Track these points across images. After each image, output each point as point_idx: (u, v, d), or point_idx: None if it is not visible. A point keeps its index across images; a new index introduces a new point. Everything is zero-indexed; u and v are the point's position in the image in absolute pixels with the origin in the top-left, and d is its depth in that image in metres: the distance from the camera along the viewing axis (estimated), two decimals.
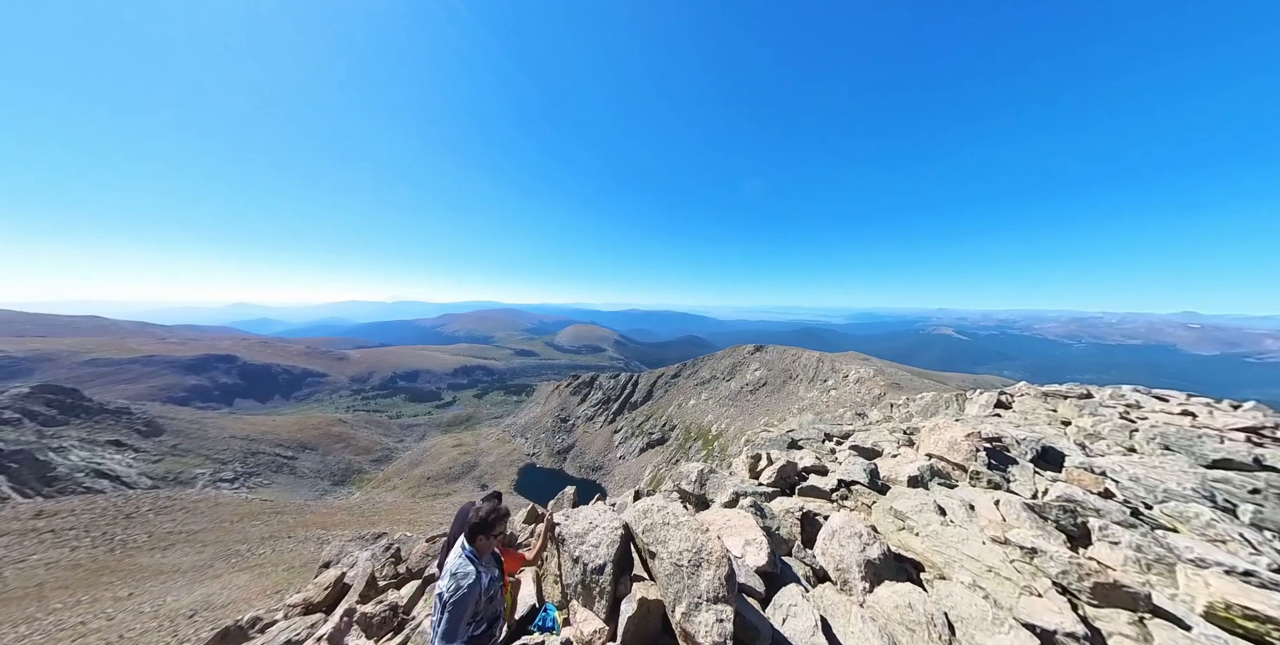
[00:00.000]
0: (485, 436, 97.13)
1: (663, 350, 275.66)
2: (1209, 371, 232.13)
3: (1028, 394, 13.00)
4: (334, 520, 28.36)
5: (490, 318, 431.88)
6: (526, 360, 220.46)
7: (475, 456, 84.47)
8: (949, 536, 3.72)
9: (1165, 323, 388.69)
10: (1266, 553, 3.45)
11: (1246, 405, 11.16)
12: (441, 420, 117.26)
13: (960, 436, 5.81)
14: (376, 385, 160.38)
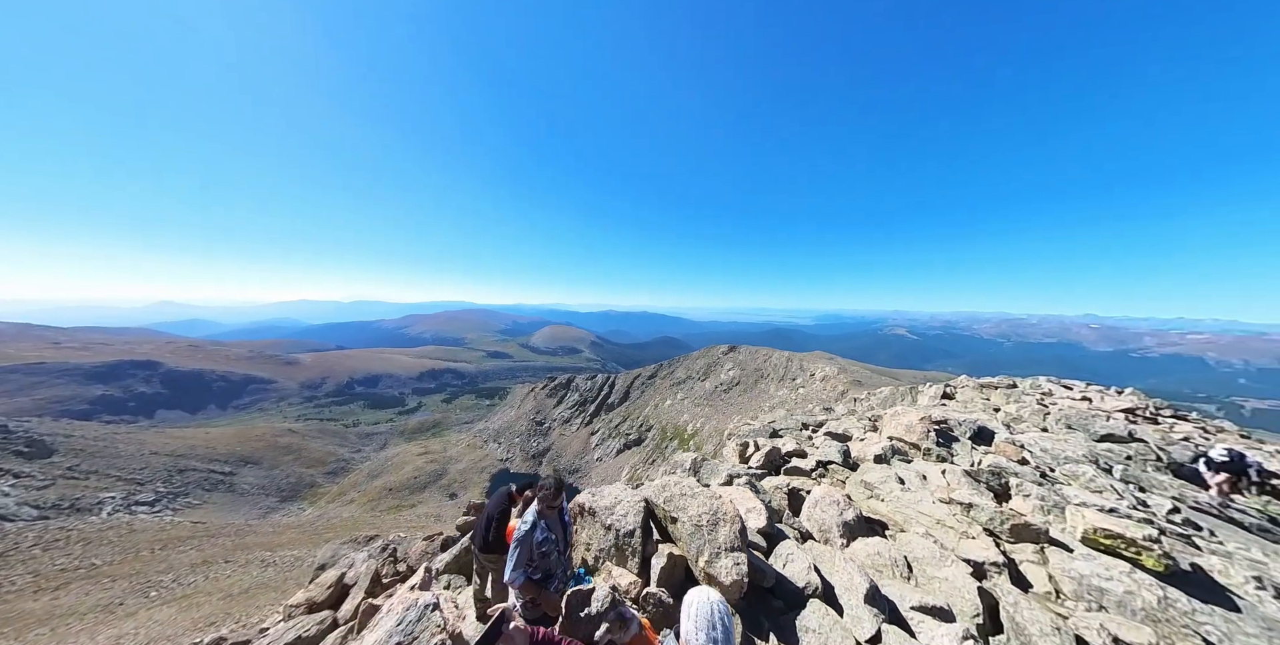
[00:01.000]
0: (455, 443, 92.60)
1: (639, 351, 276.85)
2: (1105, 365, 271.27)
3: (967, 386, 14.95)
4: (281, 540, 25.87)
5: (460, 319, 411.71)
6: (500, 363, 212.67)
7: (443, 464, 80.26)
8: (907, 500, 4.51)
9: (1073, 323, 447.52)
10: (1126, 497, 4.55)
11: (1127, 392, 13.72)
12: (405, 427, 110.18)
13: (915, 421, 6.81)
14: (331, 391, 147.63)
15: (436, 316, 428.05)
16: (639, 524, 3.12)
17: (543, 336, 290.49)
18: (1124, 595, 2.84)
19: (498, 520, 3.49)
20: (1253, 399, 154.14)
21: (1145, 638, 2.49)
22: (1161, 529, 3.73)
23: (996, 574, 3.26)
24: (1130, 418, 10.65)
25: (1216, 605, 2.77)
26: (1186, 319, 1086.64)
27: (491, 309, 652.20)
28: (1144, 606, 2.75)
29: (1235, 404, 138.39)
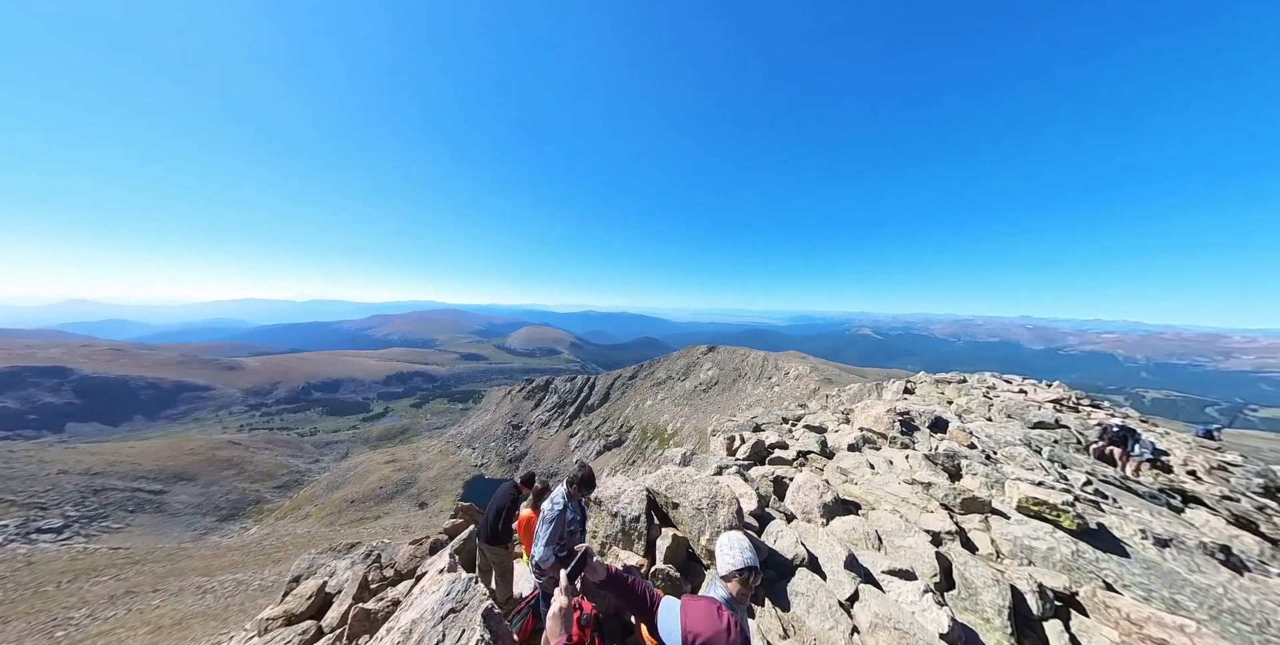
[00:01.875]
0: (425, 449, 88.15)
1: (619, 352, 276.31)
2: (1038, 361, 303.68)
3: (925, 381, 16.34)
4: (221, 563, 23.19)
5: (431, 319, 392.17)
6: (474, 365, 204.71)
7: (412, 472, 76.03)
8: (877, 482, 5.05)
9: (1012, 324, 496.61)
10: (1052, 473, 5.36)
11: (1055, 385, 15.61)
12: (370, 434, 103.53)
13: (882, 413, 7.53)
14: (283, 398, 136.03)
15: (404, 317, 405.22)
16: (643, 510, 3.36)
17: (520, 338, 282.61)
18: (1047, 551, 3.43)
19: (506, 510, 3.60)
20: (1151, 390, 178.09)
21: (1061, 582, 3.05)
22: (1076, 496, 4.47)
23: (950, 541, 3.79)
24: (1057, 407, 12.22)
25: (1113, 554, 3.42)
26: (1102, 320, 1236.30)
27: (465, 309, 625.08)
28: (1061, 559, 3.34)
29: (1138, 394, 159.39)
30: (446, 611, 1.63)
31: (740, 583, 1.55)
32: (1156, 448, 9.90)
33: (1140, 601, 2.84)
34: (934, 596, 2.85)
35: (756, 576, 1.55)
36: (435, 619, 1.64)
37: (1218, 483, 8.29)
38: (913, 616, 2.60)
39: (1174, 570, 3.22)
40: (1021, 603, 2.91)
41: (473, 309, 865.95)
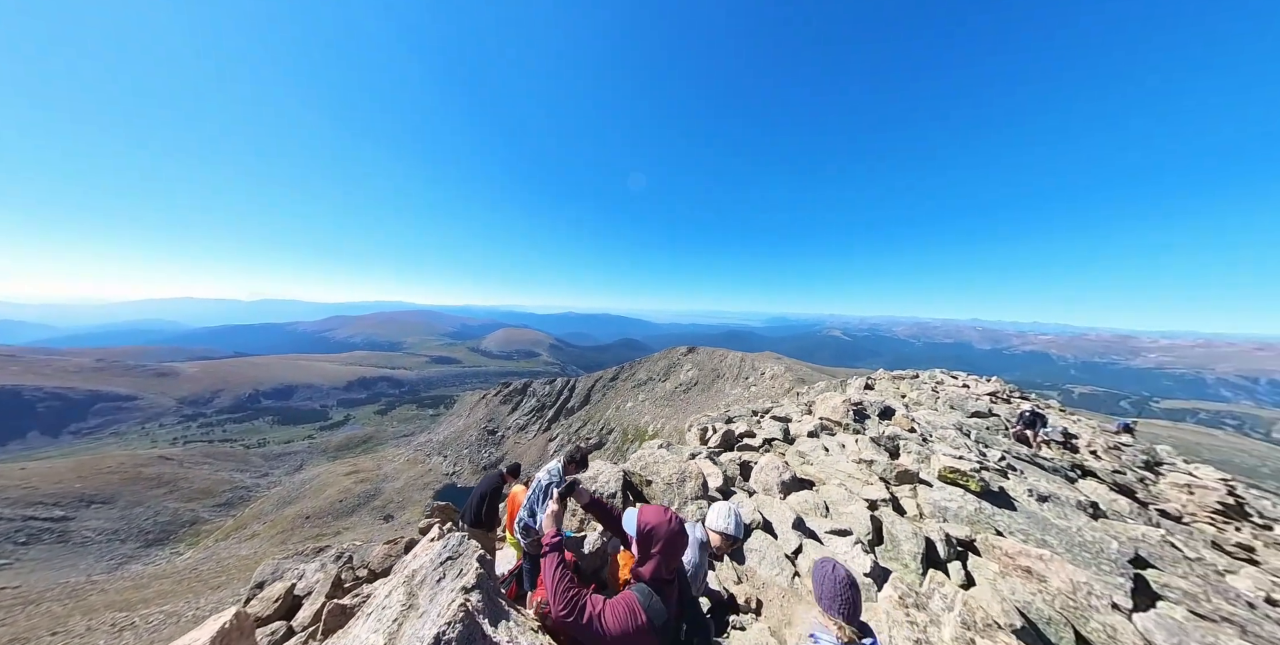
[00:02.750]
0: (390, 458, 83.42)
1: (600, 354, 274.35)
2: (986, 360, 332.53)
3: (884, 378, 17.77)
4: (145, 595, 20.16)
5: (398, 321, 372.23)
6: (446, 368, 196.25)
7: (376, 483, 71.50)
8: (829, 462, 5.69)
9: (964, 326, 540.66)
10: (974, 451, 6.25)
11: (992, 380, 17.39)
12: (328, 444, 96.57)
13: (839, 403, 8.33)
14: (226, 407, 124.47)
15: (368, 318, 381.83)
16: (619, 488, 3.73)
17: (496, 340, 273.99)
18: (957, 509, 4.13)
19: (490, 497, 3.83)
20: (1079, 386, 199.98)
21: (964, 532, 3.72)
22: (983, 465, 5.30)
23: (884, 506, 4.43)
24: (992, 399, 13.74)
25: (1005, 509, 4.18)
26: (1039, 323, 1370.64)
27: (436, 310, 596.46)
28: (967, 515, 4.04)
29: (1068, 390, 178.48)
30: (444, 559, 1.89)
31: (721, 538, 1.96)
32: (1068, 432, 11.47)
33: (1019, 542, 3.54)
34: (863, 547, 3.41)
35: (732, 544, 1.96)
36: (434, 565, 1.91)
37: (1111, 460, 9.77)
38: (844, 562, 3.13)
39: (1046, 518, 4.00)
40: (932, 550, 3.53)
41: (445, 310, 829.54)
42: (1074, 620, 2.68)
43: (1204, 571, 3.38)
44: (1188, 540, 5.65)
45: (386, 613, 1.57)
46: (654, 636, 1.18)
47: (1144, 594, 3.09)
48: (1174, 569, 3.35)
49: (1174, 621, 2.53)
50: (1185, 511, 7.69)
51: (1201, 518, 7.62)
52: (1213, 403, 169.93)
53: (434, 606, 1.50)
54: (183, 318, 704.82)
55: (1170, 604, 2.95)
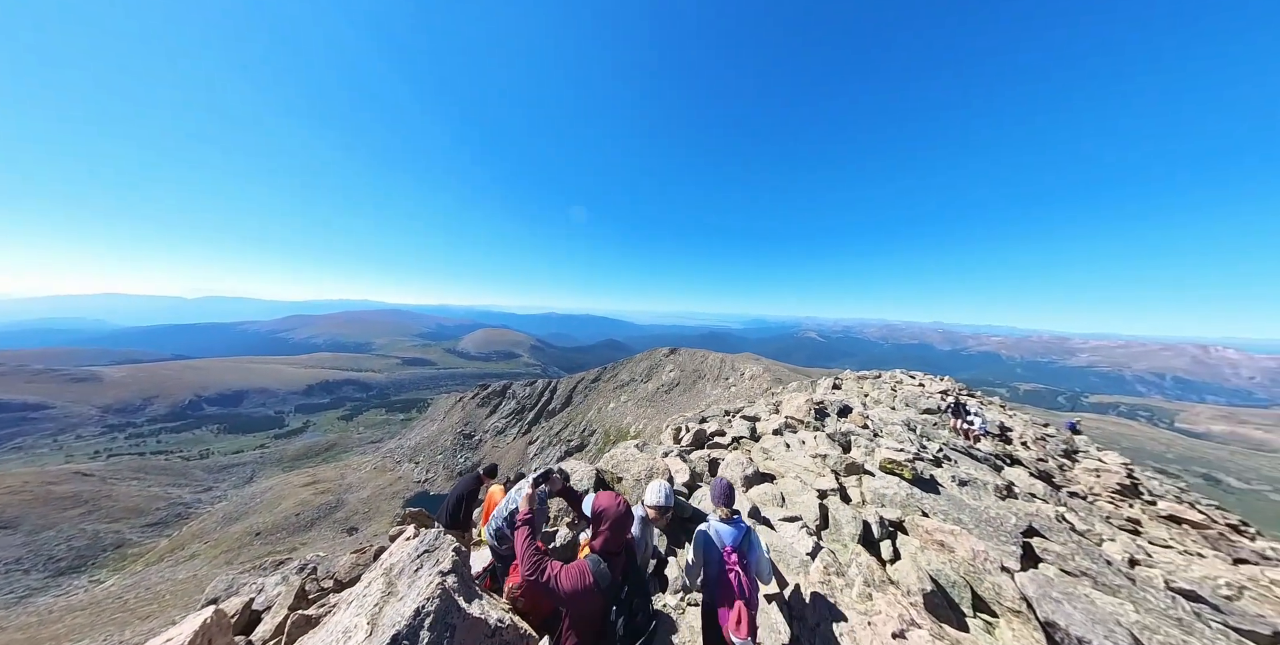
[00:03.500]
0: (356, 467, 78.87)
1: (582, 354, 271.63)
2: (946, 360, 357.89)
3: (850, 378, 18.89)
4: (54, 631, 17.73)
5: (366, 320, 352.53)
6: (419, 371, 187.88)
7: (339, 494, 67.13)
8: (789, 457, 6.21)
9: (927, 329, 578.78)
10: (916, 443, 6.99)
11: (945, 379, 18.85)
12: (284, 454, 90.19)
13: (802, 403, 8.96)
14: (162, 415, 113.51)
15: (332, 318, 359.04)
16: (591, 485, 4.00)
17: (474, 341, 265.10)
18: (893, 495, 4.70)
19: (467, 499, 3.97)
20: (1024, 383, 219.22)
21: (896, 515, 4.27)
22: (918, 456, 5.98)
23: (832, 495, 4.95)
24: (942, 396, 14.97)
25: (932, 493, 4.80)
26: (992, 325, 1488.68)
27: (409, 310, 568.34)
28: (900, 499, 4.62)
29: (1015, 387, 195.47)
30: (422, 552, 2.08)
31: (656, 511, 2.30)
32: (1003, 425, 12.76)
33: (938, 521, 4.11)
34: (808, 531, 3.86)
35: (664, 513, 2.31)
36: (413, 557, 2.09)
37: (1038, 450, 11.01)
38: (790, 544, 3.55)
39: (963, 500, 4.64)
40: (869, 531, 4.04)
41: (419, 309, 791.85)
42: (972, 582, 3.23)
43: (1079, 539, 4.09)
44: (1085, 516, 6.60)
45: (367, 599, 1.76)
46: (599, 595, 1.48)
47: (1030, 558, 3.72)
48: (1057, 538, 4.03)
49: (1045, 577, 3.11)
50: (1091, 492, 8.85)
51: (1104, 497, 8.79)
52: (1131, 397, 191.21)
53: (412, 590, 1.71)
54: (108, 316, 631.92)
55: (1046, 564, 3.58)
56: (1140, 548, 5.11)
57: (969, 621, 3.00)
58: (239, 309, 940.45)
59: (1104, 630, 2.63)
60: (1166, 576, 4.45)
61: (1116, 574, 3.53)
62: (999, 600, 3.06)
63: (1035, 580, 3.03)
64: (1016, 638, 2.79)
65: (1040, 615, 2.83)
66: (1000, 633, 2.89)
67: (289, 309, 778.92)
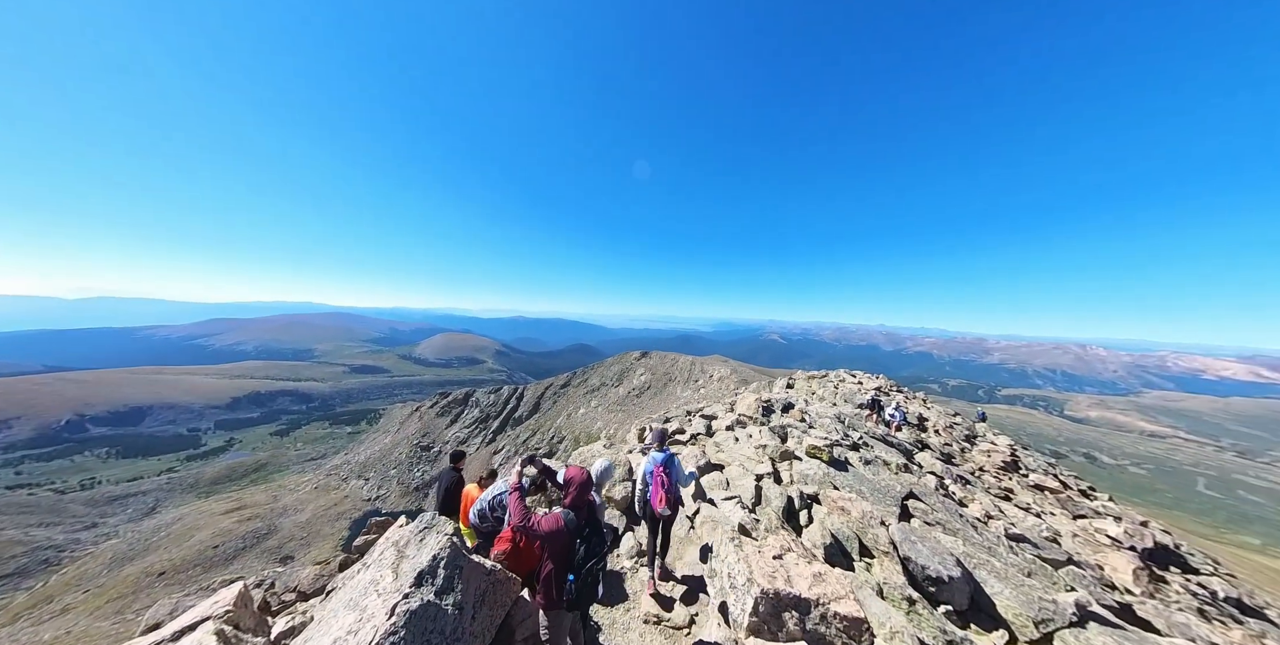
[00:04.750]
0: (292, 487, 70.67)
1: (551, 359, 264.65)
2: (890, 360, 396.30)
3: (801, 378, 20.66)
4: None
5: (307, 324, 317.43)
6: (370, 379, 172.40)
7: (271, 519, 59.60)
8: (736, 449, 7.10)
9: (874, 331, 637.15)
10: (840, 433, 8.23)
11: (879, 377, 21.24)
12: (199, 478, 78.63)
13: (753, 401, 10.04)
14: (26, 440, 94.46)
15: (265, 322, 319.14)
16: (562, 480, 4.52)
17: (433, 346, 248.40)
18: (813, 475, 5.70)
19: (454, 489, 4.31)
20: (952, 379, 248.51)
21: (813, 490, 5.23)
22: (838, 443, 7.15)
23: (767, 478, 5.86)
24: (878, 392, 16.97)
25: (843, 472, 5.88)
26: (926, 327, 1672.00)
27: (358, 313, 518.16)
28: (818, 478, 5.62)
29: (944, 382, 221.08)
30: (423, 528, 2.50)
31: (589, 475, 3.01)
32: (921, 416, 14.83)
33: (843, 493, 5.13)
34: (743, 506, 4.68)
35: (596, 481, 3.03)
36: (415, 532, 2.50)
37: (946, 436, 13.02)
38: (726, 516, 4.32)
39: (864, 475, 5.77)
40: (791, 504, 4.94)
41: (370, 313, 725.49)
42: (860, 534, 4.18)
43: (944, 500, 5.32)
44: (969, 488, 8.17)
45: (384, 561, 2.18)
46: (568, 534, 2.08)
47: (905, 515, 4.82)
48: (928, 500, 5.21)
49: (908, 527, 4.14)
50: (981, 469, 10.75)
51: (991, 472, 10.72)
52: (1032, 390, 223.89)
53: (424, 549, 2.18)
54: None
55: (915, 519, 4.69)
56: (996, 507, 6.58)
57: (855, 564, 3.92)
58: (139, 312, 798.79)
59: (939, 559, 3.65)
60: (1007, 526, 5.85)
61: (962, 522, 4.70)
62: (876, 546, 4.03)
63: (901, 529, 4.04)
64: (883, 570, 3.74)
65: (900, 553, 3.81)
66: (874, 569, 3.83)
67: (209, 312, 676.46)
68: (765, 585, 2.14)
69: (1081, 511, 9.44)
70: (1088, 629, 3.11)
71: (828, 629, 2.01)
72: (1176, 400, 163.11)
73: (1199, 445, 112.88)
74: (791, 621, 2.03)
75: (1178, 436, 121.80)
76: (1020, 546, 5.19)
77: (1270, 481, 79.96)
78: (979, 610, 3.46)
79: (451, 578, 1.99)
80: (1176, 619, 4.53)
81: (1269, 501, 70.91)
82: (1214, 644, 4.43)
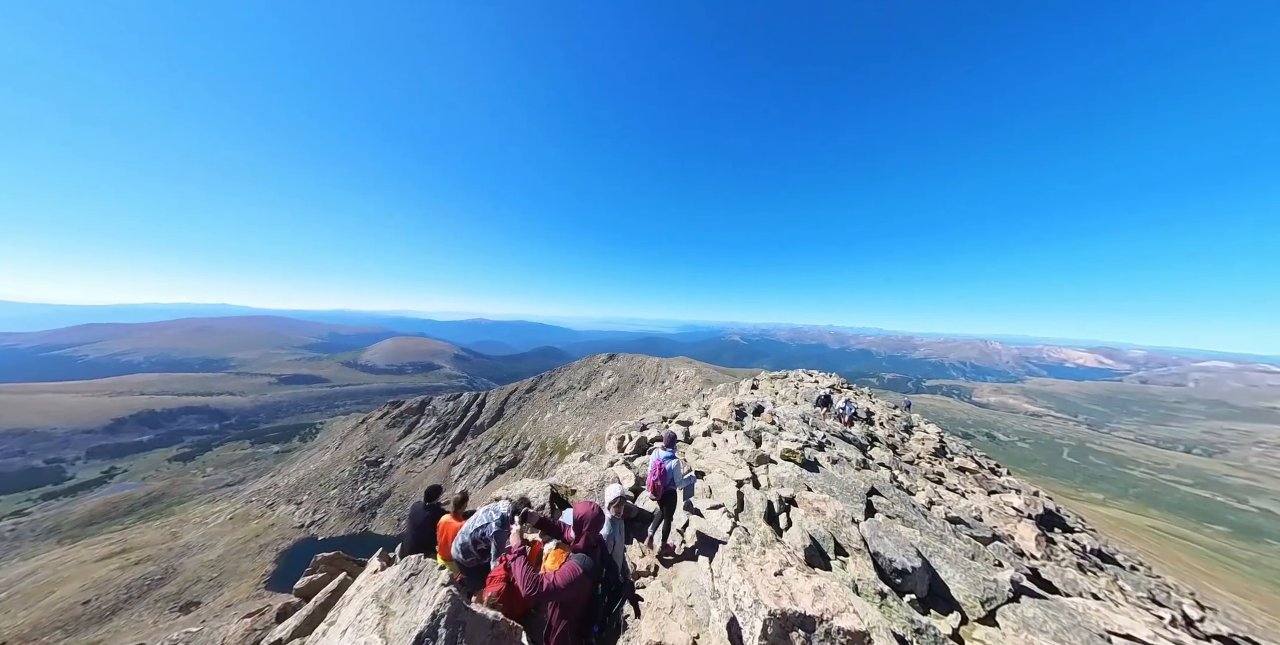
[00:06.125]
0: (198, 521, 60.06)
1: (516, 363, 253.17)
2: (837, 358, 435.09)
3: (765, 378, 21.75)
4: None
5: (220, 330, 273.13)
6: (305, 390, 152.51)
7: (168, 560, 49.79)
8: (715, 455, 7.32)
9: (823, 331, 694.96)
10: (807, 433, 8.85)
11: (833, 375, 23.00)
12: (63, 520, 64.08)
13: (726, 406, 10.42)
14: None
15: (162, 327, 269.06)
16: (546, 501, 4.33)
17: (382, 351, 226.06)
18: (788, 477, 6.06)
19: (428, 527, 3.94)
20: (887, 373, 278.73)
21: (790, 493, 5.55)
22: (807, 444, 7.69)
23: (747, 483, 6.12)
24: (832, 389, 18.35)
25: (815, 473, 6.34)
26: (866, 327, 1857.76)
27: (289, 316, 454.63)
28: (793, 481, 5.99)
29: (881, 376, 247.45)
30: (407, 576, 2.21)
31: (616, 505, 2.84)
32: (869, 410, 16.28)
33: (816, 494, 5.52)
34: (729, 514, 4.83)
35: (622, 502, 2.89)
36: (398, 582, 2.20)
37: (890, 428, 14.45)
38: (715, 526, 4.44)
39: (834, 475, 6.27)
40: (771, 508, 5.20)
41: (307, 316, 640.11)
42: (834, 534, 4.52)
43: (900, 493, 5.95)
44: (910, 475, 9.16)
45: (365, 623, 1.90)
46: (588, 578, 1.97)
47: (870, 511, 5.31)
48: (887, 495, 5.79)
49: (875, 523, 4.56)
50: (918, 457, 12.07)
51: (925, 459, 12.07)
52: (948, 380, 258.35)
53: (415, 605, 1.94)
54: None
55: (879, 513, 5.18)
56: (937, 493, 7.49)
57: (831, 562, 4.23)
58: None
59: (902, 550, 4.06)
60: (946, 510, 6.66)
61: (916, 513, 5.29)
62: (850, 544, 4.38)
63: (870, 526, 4.44)
64: (857, 567, 4.08)
65: (870, 549, 4.19)
66: (849, 566, 4.17)
67: (79, 316, 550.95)
68: (772, 605, 2.22)
69: (993, 488, 11.04)
70: (1021, 603, 3.65)
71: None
72: (1049, 385, 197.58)
73: (1064, 421, 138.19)
74: (798, 640, 2.13)
75: (1050, 415, 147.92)
76: (959, 528, 5.94)
77: (1109, 447, 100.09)
78: (936, 595, 3.90)
79: (454, 638, 1.78)
80: (1069, 576, 5.47)
81: (1107, 463, 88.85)
82: (1094, 594, 5.42)
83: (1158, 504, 69.39)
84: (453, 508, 3.79)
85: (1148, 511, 65.28)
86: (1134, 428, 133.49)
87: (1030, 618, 3.48)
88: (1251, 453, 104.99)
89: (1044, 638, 3.22)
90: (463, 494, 3.92)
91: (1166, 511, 67.02)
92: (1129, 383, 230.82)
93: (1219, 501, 72.95)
